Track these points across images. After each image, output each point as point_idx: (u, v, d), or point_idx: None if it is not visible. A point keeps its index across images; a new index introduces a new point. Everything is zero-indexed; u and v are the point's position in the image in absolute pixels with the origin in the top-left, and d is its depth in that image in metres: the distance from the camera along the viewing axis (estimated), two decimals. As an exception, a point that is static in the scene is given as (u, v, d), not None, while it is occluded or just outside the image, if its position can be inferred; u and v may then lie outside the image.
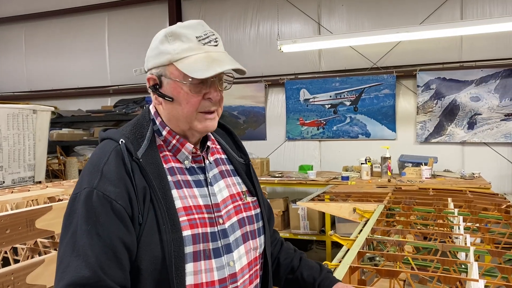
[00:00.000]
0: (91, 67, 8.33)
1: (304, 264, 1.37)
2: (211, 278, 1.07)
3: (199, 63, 1.05)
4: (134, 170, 1.04)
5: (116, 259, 0.98)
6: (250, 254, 1.18)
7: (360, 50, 6.44)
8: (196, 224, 1.07)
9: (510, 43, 5.85)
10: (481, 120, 5.98)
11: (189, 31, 1.10)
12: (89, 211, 0.99)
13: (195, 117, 1.11)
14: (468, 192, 3.72)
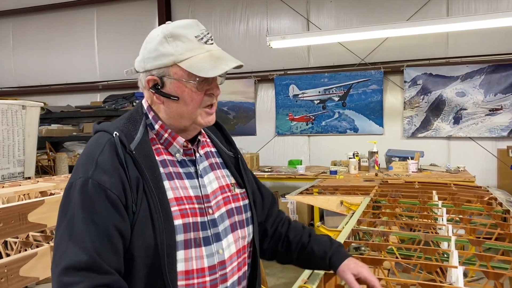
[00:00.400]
0: (80, 63, 8.30)
1: (314, 240, 1.42)
2: (201, 265, 1.12)
3: (204, 62, 1.10)
4: (127, 161, 1.09)
5: (111, 245, 1.02)
6: (239, 242, 1.24)
7: (348, 46, 6.52)
8: (187, 214, 1.12)
9: (495, 39, 5.97)
10: (466, 115, 6.10)
11: (187, 31, 1.14)
12: (84, 199, 1.03)
13: (199, 113, 1.16)
14: (452, 185, 3.82)
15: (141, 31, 7.88)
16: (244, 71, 7.16)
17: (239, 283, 1.23)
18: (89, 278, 0.97)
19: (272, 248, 1.46)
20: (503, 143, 5.92)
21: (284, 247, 1.43)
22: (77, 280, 0.96)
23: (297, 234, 1.44)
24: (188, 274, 1.10)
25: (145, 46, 1.18)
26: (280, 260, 1.48)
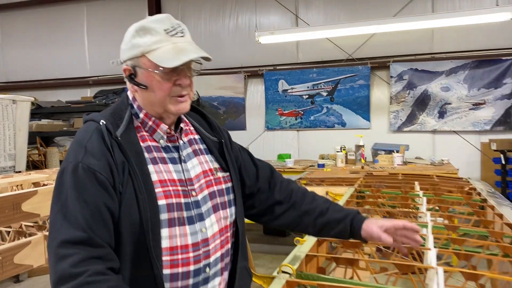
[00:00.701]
0: (70, 58, 8.30)
1: (333, 206, 1.49)
2: (185, 242, 1.21)
3: (167, 54, 1.19)
4: (113, 147, 1.18)
5: (102, 221, 1.11)
6: (221, 222, 1.33)
7: (336, 42, 6.62)
8: (170, 195, 1.22)
9: (479, 35, 6.10)
10: (451, 109, 6.25)
11: (157, 25, 1.24)
12: (76, 181, 1.13)
13: (169, 101, 1.24)
14: (435, 176, 3.95)
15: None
16: (233, 66, 7.24)
17: (222, 259, 1.32)
18: (83, 251, 1.06)
19: (289, 218, 1.50)
20: (486, 136, 6.07)
21: (302, 216, 1.48)
22: (72, 252, 1.05)
23: (312, 200, 1.50)
24: (173, 250, 1.19)
25: (123, 38, 1.29)
26: (296, 227, 1.52)
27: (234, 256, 1.40)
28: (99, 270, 1.04)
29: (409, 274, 1.58)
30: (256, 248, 5.32)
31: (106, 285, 1.02)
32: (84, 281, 1.01)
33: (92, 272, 1.03)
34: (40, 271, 4.92)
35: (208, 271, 1.26)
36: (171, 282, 1.19)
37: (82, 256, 1.05)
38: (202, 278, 1.25)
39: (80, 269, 1.03)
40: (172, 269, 1.19)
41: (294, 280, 1.40)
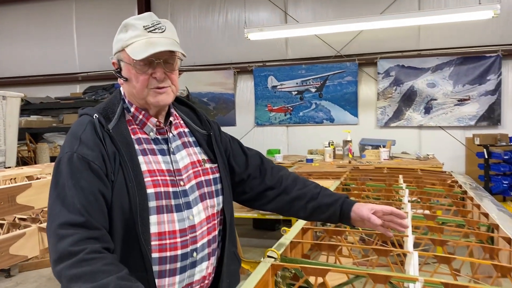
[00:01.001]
0: (59, 54, 8.29)
1: (324, 190, 1.57)
2: (173, 228, 1.30)
3: (138, 47, 1.28)
4: (105, 138, 1.27)
5: (97, 206, 1.20)
6: (208, 210, 1.41)
7: (324, 38, 6.71)
8: (159, 184, 1.30)
9: (464, 32, 6.25)
10: (436, 105, 6.39)
11: (139, 22, 1.33)
12: (72, 170, 1.21)
13: (148, 93, 1.32)
14: (419, 170, 4.06)
15: (120, 23, 7.88)
16: (223, 63, 7.31)
17: (209, 245, 1.40)
18: (81, 232, 1.14)
19: (280, 202, 1.58)
20: (471, 131, 6.22)
21: (293, 200, 1.56)
22: (71, 233, 1.13)
23: (303, 185, 1.58)
24: (161, 235, 1.28)
25: None
26: (288, 211, 1.61)
27: (222, 243, 1.49)
28: (96, 249, 1.13)
29: (387, 259, 1.68)
30: (245, 242, 5.41)
31: (102, 262, 1.10)
32: (83, 258, 1.09)
33: (90, 251, 1.11)
34: (31, 266, 4.97)
35: (195, 255, 1.34)
36: (159, 265, 1.28)
37: (80, 237, 1.13)
38: (189, 262, 1.33)
39: (78, 247, 1.11)
40: (160, 253, 1.28)
41: (278, 263, 1.49)
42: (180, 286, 1.33)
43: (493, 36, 6.17)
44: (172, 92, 1.36)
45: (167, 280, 1.30)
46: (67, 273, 1.10)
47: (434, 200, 2.96)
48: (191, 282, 1.36)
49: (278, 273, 1.51)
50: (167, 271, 1.29)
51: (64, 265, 1.10)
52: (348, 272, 1.47)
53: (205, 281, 1.41)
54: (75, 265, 1.09)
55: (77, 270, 1.09)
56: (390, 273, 1.44)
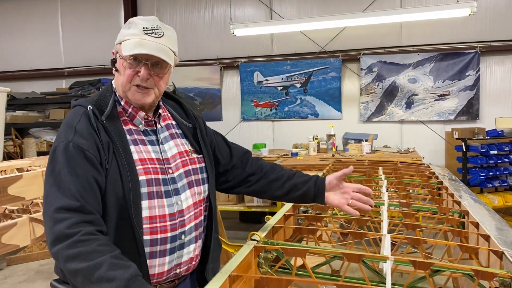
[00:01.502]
0: (44, 49, 8.25)
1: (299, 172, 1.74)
2: (163, 212, 1.41)
3: (129, 44, 1.37)
4: (99, 129, 1.36)
5: (92, 192, 1.29)
6: (195, 197, 1.53)
7: (309, 35, 6.83)
8: (149, 171, 1.40)
9: (444, 29, 6.42)
10: (417, 100, 6.56)
11: (141, 22, 1.41)
12: (68, 157, 1.30)
13: (129, 88, 1.42)
14: (398, 162, 4.21)
15: (106, 17, 7.96)
16: (209, 58, 7.38)
17: (196, 229, 1.52)
18: (77, 216, 1.23)
19: (260, 185, 1.73)
20: (450, 126, 6.39)
21: (271, 182, 1.71)
22: (67, 217, 1.22)
23: (281, 170, 1.74)
24: (152, 219, 1.38)
25: None
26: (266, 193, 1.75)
27: (208, 228, 1.60)
28: (90, 231, 1.22)
29: (362, 241, 1.80)
30: (232, 235, 5.51)
31: (97, 243, 1.20)
32: (78, 240, 1.19)
33: (85, 233, 1.20)
34: (19, 259, 5.01)
35: (183, 238, 1.45)
36: (150, 247, 1.38)
37: (75, 220, 1.22)
38: (178, 244, 1.44)
39: (74, 230, 1.20)
40: (151, 236, 1.38)
41: (261, 245, 1.60)
42: (169, 266, 1.44)
43: (472, 33, 6.35)
44: (154, 94, 1.45)
45: (157, 260, 1.41)
46: (63, 254, 1.19)
47: (411, 190, 3.10)
48: (180, 263, 1.47)
49: (261, 254, 1.62)
50: (157, 252, 1.40)
51: (60, 246, 1.20)
52: (325, 252, 1.59)
53: (192, 262, 1.53)
54: (71, 246, 1.18)
55: (73, 251, 1.18)
56: (363, 253, 1.56)
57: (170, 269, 1.44)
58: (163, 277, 1.44)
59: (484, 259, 1.69)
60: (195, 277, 1.61)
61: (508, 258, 1.46)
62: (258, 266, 1.62)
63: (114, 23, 7.81)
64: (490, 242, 1.73)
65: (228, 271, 1.34)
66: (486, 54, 6.32)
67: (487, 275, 1.32)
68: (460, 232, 1.91)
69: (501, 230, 1.92)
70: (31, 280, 4.54)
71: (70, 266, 1.17)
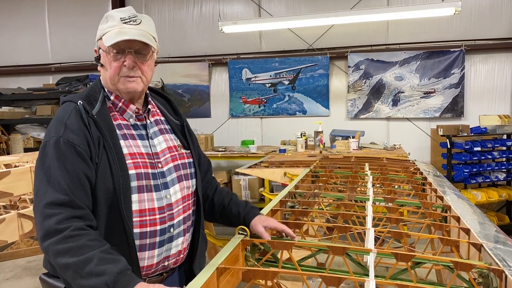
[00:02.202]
0: (30, 44, 8.15)
1: (233, 203, 1.76)
2: (152, 206, 1.44)
3: (110, 35, 1.40)
4: (90, 124, 1.38)
5: (82, 187, 1.31)
6: (184, 191, 1.56)
7: (297, 32, 6.87)
8: (139, 166, 1.43)
9: (430, 28, 6.52)
10: (403, 97, 6.65)
11: (117, 14, 1.45)
12: (58, 153, 1.31)
13: (118, 80, 1.44)
14: (384, 159, 4.28)
15: (94, 14, 7.88)
16: (198, 55, 7.38)
17: (184, 222, 1.55)
18: (66, 211, 1.25)
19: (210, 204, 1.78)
20: (436, 123, 6.50)
21: (209, 207, 1.76)
22: (57, 212, 1.24)
23: (220, 197, 1.77)
24: (142, 213, 1.41)
25: None
26: (206, 218, 1.78)
27: (196, 222, 1.64)
28: (80, 226, 1.24)
29: (347, 234, 1.85)
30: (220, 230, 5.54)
31: (86, 238, 1.22)
32: (68, 235, 1.21)
33: (74, 228, 1.23)
34: (6, 256, 4.98)
35: (172, 231, 1.49)
36: (140, 240, 1.41)
37: (65, 215, 1.24)
38: (167, 237, 1.48)
39: (64, 225, 1.22)
40: (141, 229, 1.41)
41: (248, 239, 1.63)
42: (158, 258, 1.47)
43: (457, 31, 6.46)
44: (142, 82, 1.48)
45: (147, 253, 1.43)
46: (54, 248, 1.21)
47: (396, 185, 3.16)
48: (168, 255, 1.50)
49: (248, 248, 1.65)
50: (147, 245, 1.43)
51: (50, 241, 1.22)
52: (311, 245, 1.63)
53: (181, 255, 1.56)
54: (61, 241, 1.21)
55: (63, 246, 1.20)
56: (348, 245, 1.60)
57: (159, 261, 1.47)
58: (151, 270, 1.47)
59: (464, 251, 1.74)
60: (183, 271, 1.64)
61: (486, 250, 1.51)
62: (245, 259, 1.65)
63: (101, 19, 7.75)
64: (470, 235, 1.79)
65: (216, 264, 1.38)
66: (470, 53, 6.43)
67: (465, 266, 1.37)
68: (442, 226, 1.97)
69: (482, 224, 1.99)
70: (19, 276, 4.52)
71: (60, 260, 1.20)
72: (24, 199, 2.98)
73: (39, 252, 5.02)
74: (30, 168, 2.53)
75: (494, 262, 1.40)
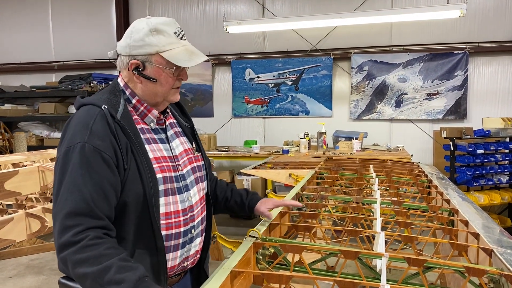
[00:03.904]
0: (34, 42, 8.15)
1: (235, 193, 1.86)
2: (177, 208, 1.46)
3: (181, 55, 1.42)
4: (117, 129, 1.36)
5: (104, 196, 1.29)
6: (200, 193, 1.60)
7: (301, 33, 6.88)
8: (164, 169, 1.45)
9: (434, 30, 6.52)
10: (407, 99, 6.65)
11: (167, 28, 1.44)
12: (82, 159, 1.29)
13: (169, 92, 1.49)
14: (388, 161, 4.28)
15: (97, 12, 7.89)
16: (201, 54, 7.36)
17: (202, 223, 1.60)
18: (85, 222, 1.24)
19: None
20: (439, 125, 6.51)
21: (213, 200, 1.80)
22: (76, 223, 1.23)
23: (222, 190, 1.86)
24: (168, 215, 1.44)
25: (130, 35, 1.44)
26: None
27: (208, 223, 1.67)
28: (97, 235, 1.24)
29: (357, 238, 1.85)
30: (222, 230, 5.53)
31: (104, 247, 1.22)
32: (86, 244, 1.21)
33: (92, 237, 1.22)
34: (9, 254, 4.99)
35: (193, 232, 1.53)
36: (166, 242, 1.43)
37: (83, 227, 1.24)
38: (188, 238, 1.52)
39: (81, 236, 1.22)
40: (167, 231, 1.43)
41: (259, 242, 1.64)
42: (180, 259, 1.51)
43: (461, 34, 6.46)
44: None
45: (171, 255, 1.46)
46: (71, 258, 1.20)
47: (402, 188, 3.17)
48: (188, 256, 1.54)
49: (259, 251, 1.66)
50: (171, 247, 1.46)
51: (68, 252, 1.21)
52: (322, 249, 1.63)
53: (197, 255, 1.60)
54: (79, 251, 1.20)
55: (81, 256, 1.20)
56: (359, 249, 1.61)
57: (180, 262, 1.51)
58: (173, 271, 1.50)
59: (473, 256, 1.75)
60: (194, 269, 1.67)
61: (497, 256, 1.52)
62: (256, 262, 1.66)
63: (105, 18, 7.77)
64: (479, 240, 1.79)
65: (230, 267, 1.38)
66: (474, 55, 6.44)
67: (478, 272, 1.38)
68: (451, 230, 1.98)
69: (488, 228, 1.99)
70: (22, 275, 4.53)
71: (78, 270, 1.20)
72: (30, 198, 2.99)
73: (42, 250, 5.03)
74: (38, 168, 2.53)
75: (506, 268, 1.40)
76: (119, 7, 7.64)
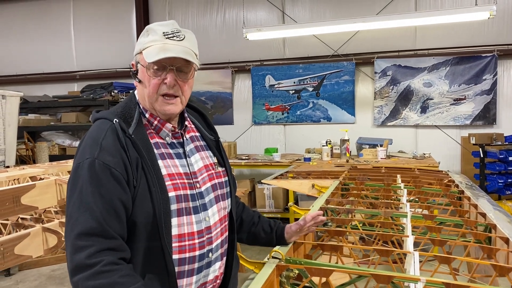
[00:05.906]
0: (56, 52, 8.27)
1: (263, 220, 1.75)
2: (191, 230, 1.34)
3: (153, 51, 1.31)
4: (127, 144, 1.28)
5: (115, 214, 1.21)
6: (221, 212, 1.47)
7: (322, 38, 6.75)
8: (178, 187, 1.33)
9: (460, 32, 6.30)
10: (432, 104, 6.44)
11: (160, 27, 1.36)
12: (92, 176, 1.22)
13: (156, 99, 1.36)
14: (416, 169, 4.11)
15: (118, 21, 7.96)
16: (221, 62, 7.33)
17: (222, 246, 1.45)
18: (98, 242, 1.16)
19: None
20: (466, 131, 6.28)
21: (238, 225, 1.69)
22: (88, 244, 1.15)
23: (249, 215, 1.74)
24: (181, 237, 1.31)
25: None
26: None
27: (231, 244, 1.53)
28: (112, 261, 1.15)
29: (388, 259, 1.72)
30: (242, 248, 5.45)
31: (119, 274, 1.13)
32: (99, 270, 1.12)
33: (106, 263, 1.14)
34: (31, 264, 4.99)
35: (210, 255, 1.39)
36: (179, 266, 1.31)
37: (96, 248, 1.15)
38: (205, 262, 1.38)
39: (95, 259, 1.14)
40: (180, 254, 1.31)
41: (283, 264, 1.53)
42: (196, 285, 1.38)
43: (489, 36, 6.23)
44: (181, 103, 1.40)
45: (185, 280, 1.34)
46: (84, 284, 1.13)
47: (431, 199, 3.01)
48: (206, 282, 1.41)
49: (283, 273, 1.55)
50: (185, 272, 1.34)
51: (81, 276, 1.14)
52: (351, 272, 1.51)
53: (217, 281, 1.46)
54: (92, 277, 1.13)
55: (94, 282, 1.12)
56: (393, 273, 1.48)
57: None
58: None
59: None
60: None
61: (547, 282, 1.37)
62: (280, 286, 1.55)
63: (126, 27, 7.81)
64: (524, 261, 1.64)
65: (252, 293, 1.28)
66: (503, 58, 6.19)
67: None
68: (491, 249, 1.82)
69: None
70: (43, 285, 4.51)
71: None
72: (49, 211, 2.95)
73: (63, 261, 5.01)
74: (55, 181, 2.48)
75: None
76: (139, 16, 7.68)
